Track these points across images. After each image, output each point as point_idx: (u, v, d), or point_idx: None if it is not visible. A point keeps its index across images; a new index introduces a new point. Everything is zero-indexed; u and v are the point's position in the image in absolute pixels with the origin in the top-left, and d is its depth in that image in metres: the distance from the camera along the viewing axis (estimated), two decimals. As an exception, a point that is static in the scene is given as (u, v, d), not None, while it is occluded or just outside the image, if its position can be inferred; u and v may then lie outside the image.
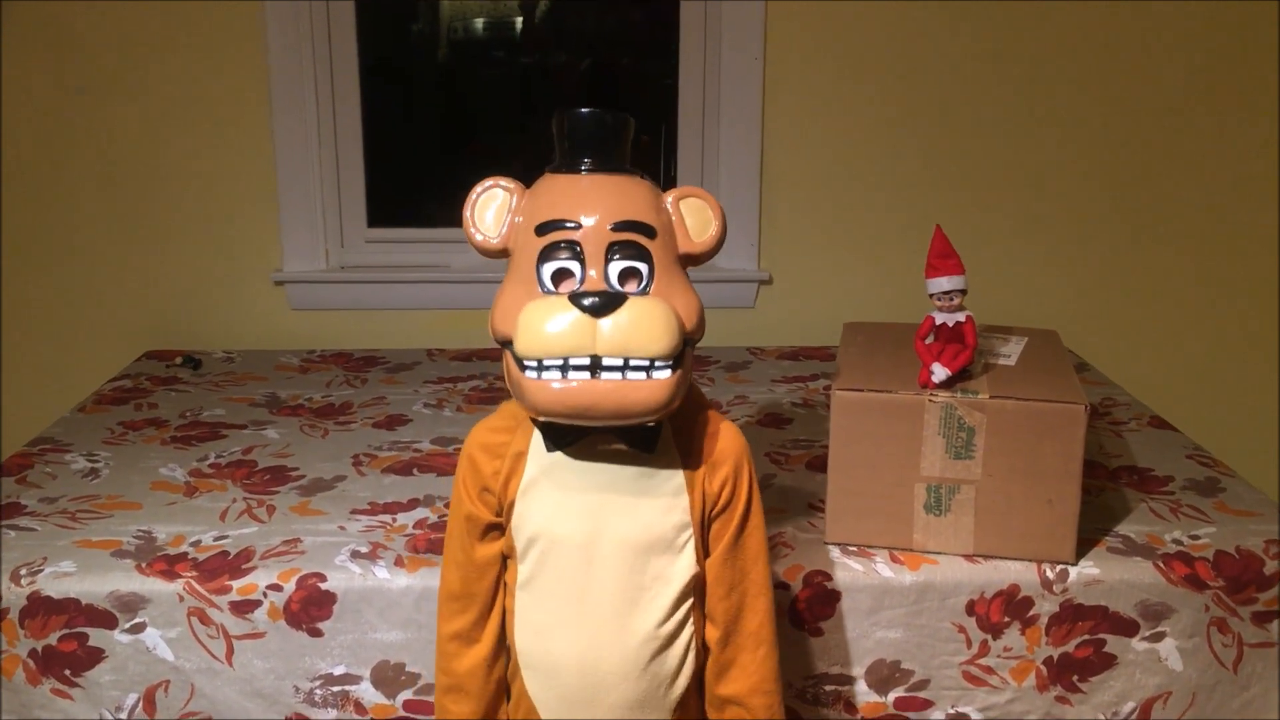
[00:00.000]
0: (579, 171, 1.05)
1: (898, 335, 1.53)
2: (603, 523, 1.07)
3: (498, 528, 1.11)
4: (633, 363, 0.97)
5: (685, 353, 1.02)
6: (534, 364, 0.98)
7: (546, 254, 1.02)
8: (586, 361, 0.97)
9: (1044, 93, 2.30)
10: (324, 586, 1.34)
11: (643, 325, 0.97)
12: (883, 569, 1.37)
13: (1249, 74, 2.30)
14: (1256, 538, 1.42)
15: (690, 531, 1.08)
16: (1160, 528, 1.46)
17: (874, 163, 2.33)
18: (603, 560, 1.07)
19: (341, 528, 1.46)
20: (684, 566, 1.08)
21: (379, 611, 1.34)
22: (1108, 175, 2.35)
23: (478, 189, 1.07)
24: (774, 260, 2.37)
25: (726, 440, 1.10)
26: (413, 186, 2.59)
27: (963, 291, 1.37)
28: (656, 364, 0.98)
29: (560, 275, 1.02)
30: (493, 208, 1.07)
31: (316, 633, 1.34)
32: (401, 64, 2.59)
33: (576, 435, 1.05)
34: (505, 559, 1.13)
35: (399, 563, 1.36)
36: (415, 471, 1.65)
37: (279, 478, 1.62)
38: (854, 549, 1.40)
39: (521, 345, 0.98)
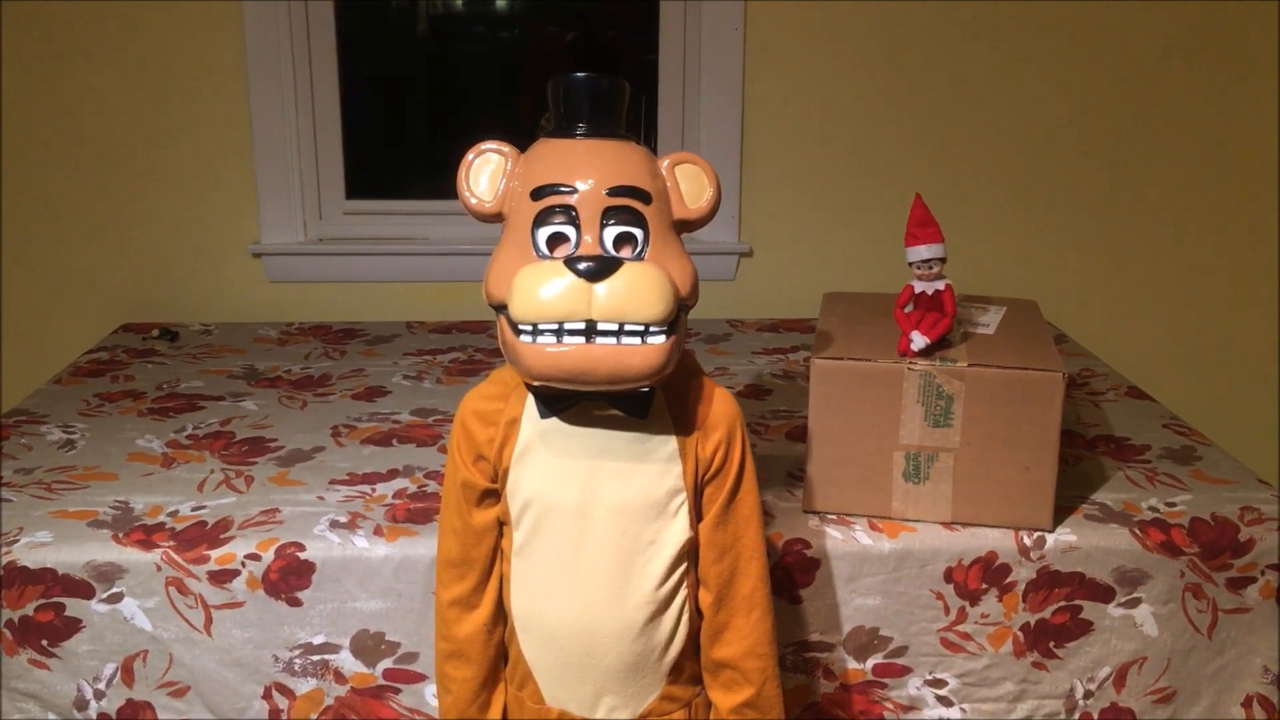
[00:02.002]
0: (574, 136, 1.04)
1: (877, 305, 1.53)
2: (596, 489, 1.07)
3: (493, 494, 1.11)
4: (628, 327, 0.97)
5: (680, 318, 1.02)
6: (529, 328, 0.97)
7: (542, 218, 1.01)
8: (582, 326, 0.97)
9: (1025, 63, 2.30)
10: (303, 556, 1.33)
11: (638, 290, 0.97)
12: (862, 537, 1.37)
13: (1229, 41, 2.31)
14: (1232, 505, 1.43)
15: (683, 496, 1.09)
16: (1137, 495, 1.47)
17: (854, 134, 2.32)
18: (596, 526, 1.08)
19: (320, 498, 1.45)
20: (677, 531, 1.09)
21: (358, 580, 1.34)
22: (1088, 147, 2.35)
23: (472, 153, 1.06)
24: (754, 232, 2.37)
25: (720, 406, 1.10)
26: (392, 158, 2.57)
27: (942, 260, 1.37)
28: (651, 329, 0.98)
29: (556, 240, 1.01)
30: (487, 171, 1.06)
31: (296, 602, 1.34)
32: (381, 37, 2.57)
33: (570, 401, 1.05)
34: (502, 525, 1.13)
35: (378, 532, 1.36)
36: (395, 442, 1.64)
37: (257, 449, 1.61)
38: (833, 517, 1.41)
39: (516, 309, 0.98)
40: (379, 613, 1.35)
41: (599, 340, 0.97)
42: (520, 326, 0.98)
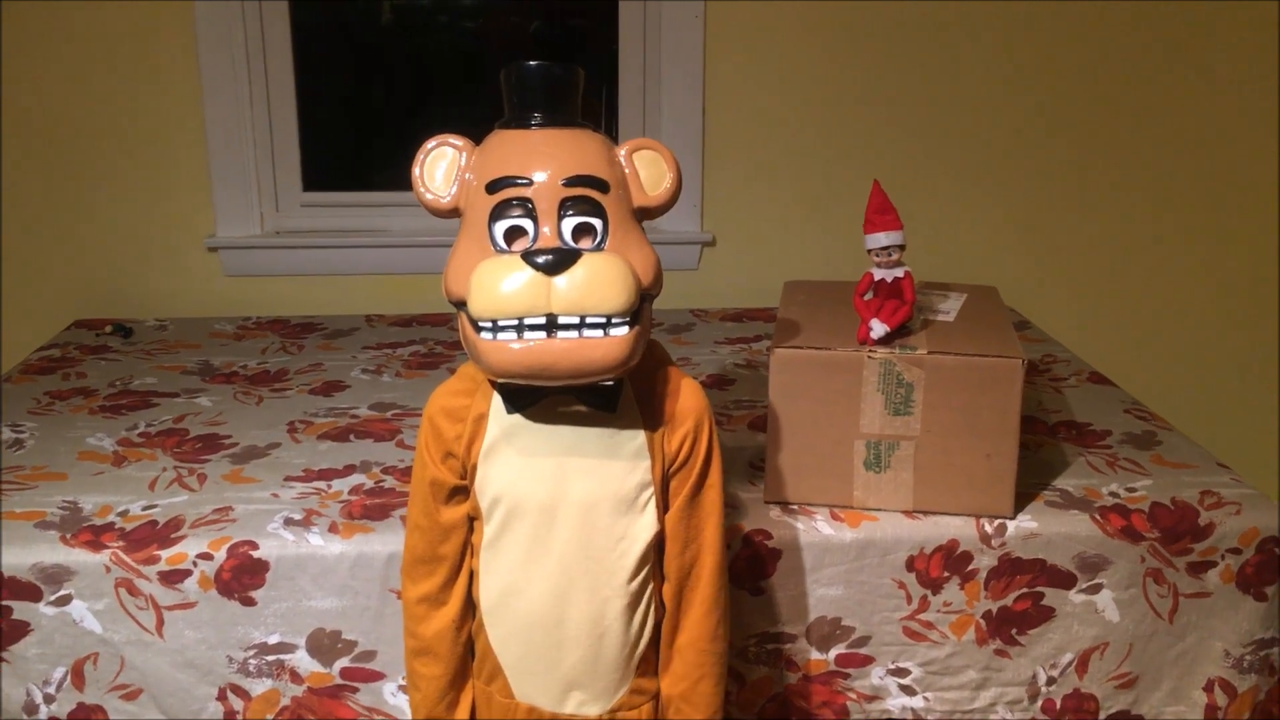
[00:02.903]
0: (529, 126, 1.03)
1: (838, 293, 1.52)
2: (565, 485, 1.06)
3: (463, 491, 1.10)
4: (589, 320, 0.96)
5: (643, 308, 1.01)
6: (489, 325, 0.96)
7: (498, 212, 1.00)
8: (542, 321, 0.95)
9: (987, 49, 2.30)
10: (256, 554, 1.31)
11: (598, 282, 0.96)
12: (823, 527, 1.36)
13: (1189, 23, 2.31)
14: (1192, 489, 1.43)
15: (652, 490, 1.08)
16: (1097, 481, 1.47)
17: (817, 122, 2.31)
18: (566, 522, 1.07)
19: (275, 495, 1.43)
20: (646, 525, 1.08)
21: (313, 579, 1.32)
22: (1050, 133, 2.35)
23: (427, 146, 1.04)
24: (717, 221, 2.35)
25: (687, 397, 1.09)
26: (353, 149, 2.53)
27: (901, 247, 1.36)
28: (613, 321, 0.97)
29: (513, 233, 1.00)
30: (442, 166, 1.04)
31: (249, 601, 1.32)
32: (345, 26, 2.53)
33: (536, 396, 1.04)
34: (471, 521, 1.11)
35: (333, 529, 1.34)
36: (352, 438, 1.62)
37: (211, 446, 1.59)
38: (794, 507, 1.40)
39: (475, 306, 0.96)
40: (335, 611, 1.33)
41: (560, 335, 0.96)
42: (480, 323, 0.97)
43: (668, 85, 2.27)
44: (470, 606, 1.13)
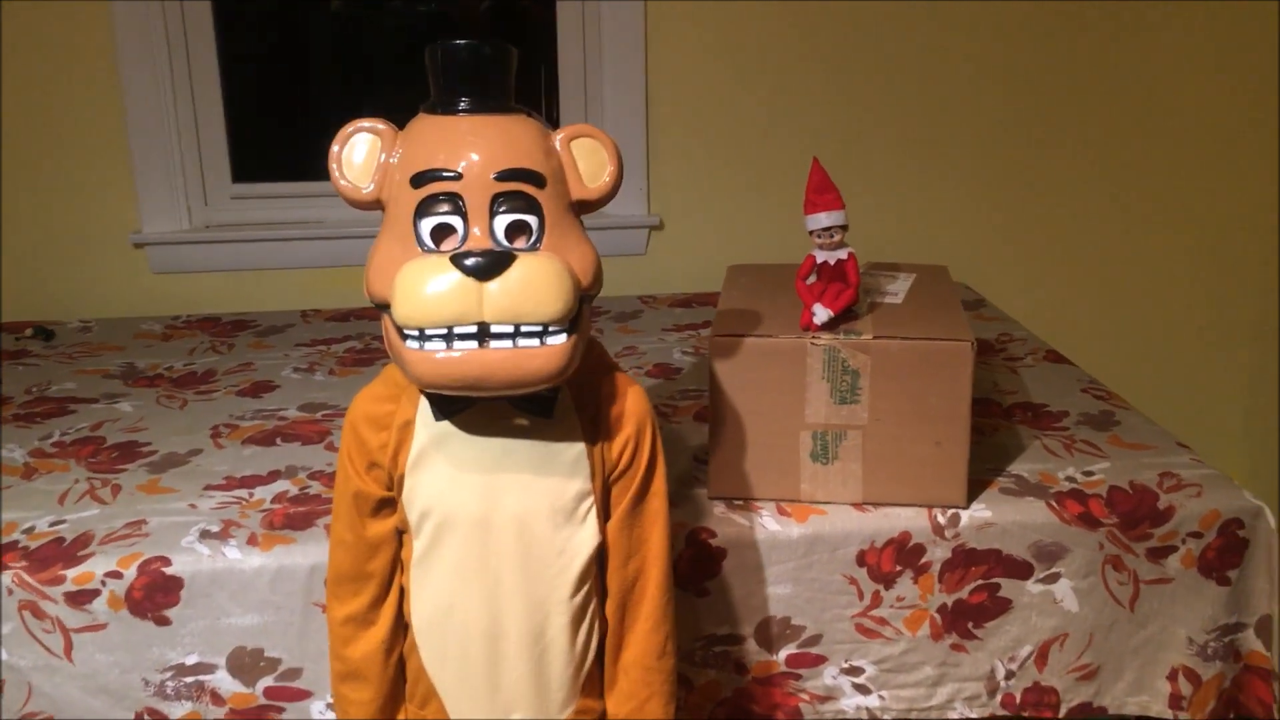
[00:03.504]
0: (457, 112, 0.94)
1: (783, 276, 1.46)
2: (498, 496, 0.99)
3: (390, 503, 1.03)
4: (524, 329, 0.89)
5: (582, 311, 0.93)
6: (415, 333, 0.89)
7: (424, 208, 0.92)
8: (473, 329, 0.88)
9: (937, 19, 2.23)
10: (169, 571, 1.24)
11: (534, 287, 0.88)
12: (769, 522, 1.30)
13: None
14: (1150, 471, 1.39)
15: (592, 500, 1.01)
16: (1054, 465, 1.42)
17: (764, 99, 2.25)
18: (501, 535, 1.00)
19: (192, 506, 1.35)
20: (587, 537, 1.02)
21: (231, 595, 1.24)
22: (1005, 104, 2.29)
23: (345, 131, 0.96)
24: (665, 204, 2.29)
25: (629, 402, 1.03)
26: (282, 137, 2.43)
27: (843, 228, 1.30)
28: (550, 329, 0.89)
29: (441, 232, 0.92)
30: (362, 153, 0.95)
31: (164, 621, 1.24)
32: (294, 10, 2.42)
33: (466, 403, 0.97)
34: (400, 534, 1.04)
35: (252, 541, 1.27)
36: (279, 441, 1.54)
37: (128, 454, 1.50)
38: (739, 503, 1.33)
39: (400, 313, 0.89)
40: (256, 628, 1.26)
41: (493, 344, 0.88)
42: (406, 331, 0.89)
43: (609, 62, 2.20)
44: (401, 626, 1.06)
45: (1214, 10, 2.28)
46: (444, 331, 0.88)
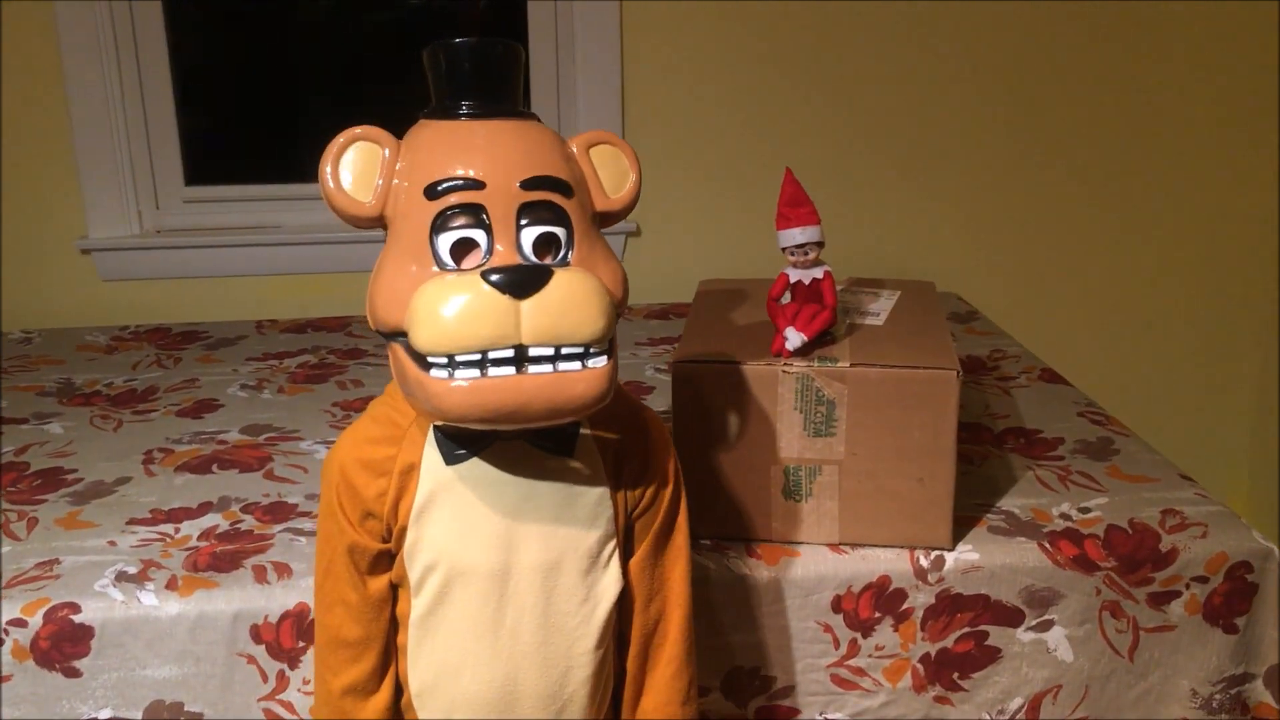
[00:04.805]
0: (469, 117, 0.85)
1: (758, 295, 1.36)
2: (517, 544, 0.90)
3: (386, 556, 0.93)
4: (565, 351, 0.80)
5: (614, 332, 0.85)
6: (443, 360, 0.79)
7: (442, 221, 0.82)
8: (510, 354, 0.79)
9: (925, 23, 2.13)
10: (78, 619, 1.13)
11: (574, 305, 0.80)
12: (737, 564, 1.20)
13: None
14: (1152, 508, 1.28)
15: (614, 542, 0.93)
16: (1047, 500, 1.31)
17: (744, 102, 2.14)
18: (520, 588, 0.90)
19: (112, 543, 1.25)
20: (610, 582, 0.94)
21: (147, 644, 1.14)
22: (995, 113, 2.19)
23: (338, 143, 0.85)
24: (642, 210, 2.17)
25: (652, 434, 0.95)
26: (238, 139, 2.31)
27: (819, 244, 1.19)
28: (591, 350, 0.81)
29: (461, 247, 0.82)
30: (357, 164, 0.85)
31: (73, 673, 1.14)
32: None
33: (485, 442, 0.87)
34: (395, 588, 0.94)
35: (171, 585, 1.16)
36: (215, 469, 1.43)
37: (51, 483, 1.40)
38: (706, 543, 1.23)
39: (426, 338, 0.79)
40: (174, 680, 1.15)
41: (531, 369, 0.79)
42: (432, 360, 0.79)
43: (582, 62, 2.09)
44: (399, 688, 0.96)
45: (1215, 10, 2.17)
46: (478, 357, 0.79)
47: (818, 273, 1.21)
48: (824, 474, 1.19)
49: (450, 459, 0.88)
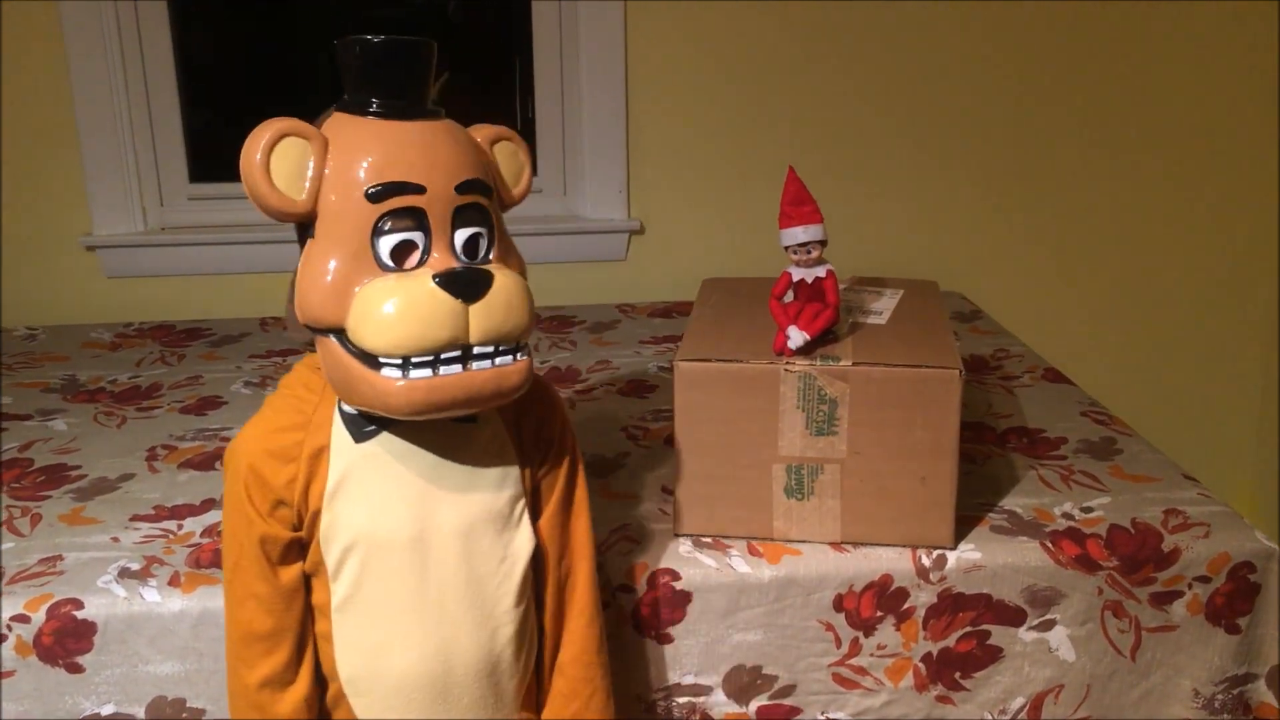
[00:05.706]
0: (395, 117, 0.87)
1: (761, 293, 1.35)
2: (432, 512, 0.93)
3: (298, 545, 0.94)
4: (502, 346, 0.88)
5: None
6: (397, 361, 0.83)
7: (385, 224, 0.84)
8: (459, 353, 0.85)
9: (934, 16, 2.12)
10: (80, 615, 1.13)
11: (513, 307, 0.88)
12: (739, 564, 1.20)
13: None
14: (1154, 508, 1.28)
15: (524, 500, 0.98)
16: (1050, 499, 1.31)
17: (749, 101, 2.14)
18: (440, 555, 0.94)
19: (115, 539, 1.25)
20: (524, 539, 0.98)
21: (150, 640, 1.14)
22: (1002, 110, 2.18)
23: (265, 137, 0.86)
24: (645, 208, 2.18)
25: (544, 395, 1.01)
26: (243, 136, 2.31)
27: (821, 243, 1.19)
28: (520, 344, 0.90)
29: (402, 248, 0.86)
30: (288, 160, 0.86)
31: (76, 668, 1.14)
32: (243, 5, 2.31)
33: (387, 421, 0.90)
34: (308, 579, 0.96)
35: (174, 581, 1.16)
36: (218, 465, 1.43)
37: (55, 479, 1.40)
38: (707, 541, 1.23)
39: (382, 340, 0.83)
40: (177, 676, 1.15)
41: (475, 365, 0.87)
42: (385, 360, 0.83)
43: (586, 59, 2.09)
44: (319, 677, 0.98)
45: (1217, 10, 2.16)
46: (430, 358, 0.84)
47: (820, 271, 1.21)
48: (826, 473, 1.19)
49: (359, 436, 0.92)
